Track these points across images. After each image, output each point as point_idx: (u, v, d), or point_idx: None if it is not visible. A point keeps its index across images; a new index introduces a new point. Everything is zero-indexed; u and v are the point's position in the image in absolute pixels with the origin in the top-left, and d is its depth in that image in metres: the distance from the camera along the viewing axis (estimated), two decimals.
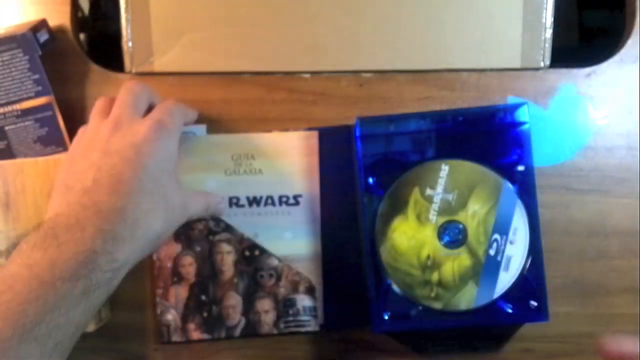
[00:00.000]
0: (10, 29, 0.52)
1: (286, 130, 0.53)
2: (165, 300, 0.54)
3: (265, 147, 0.52)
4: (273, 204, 0.52)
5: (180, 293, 0.54)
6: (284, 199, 0.52)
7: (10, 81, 0.52)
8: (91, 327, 0.51)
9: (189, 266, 0.54)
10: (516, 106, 0.51)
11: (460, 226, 0.51)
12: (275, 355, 0.55)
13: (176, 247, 0.54)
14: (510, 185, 0.51)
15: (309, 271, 0.53)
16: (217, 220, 0.54)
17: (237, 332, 0.54)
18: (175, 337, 0.54)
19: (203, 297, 0.54)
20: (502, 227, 0.51)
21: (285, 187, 0.52)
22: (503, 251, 0.50)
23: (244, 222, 0.52)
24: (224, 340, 0.54)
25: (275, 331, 0.54)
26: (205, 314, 0.54)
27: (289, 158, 0.52)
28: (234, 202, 0.52)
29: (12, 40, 0.51)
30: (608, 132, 0.56)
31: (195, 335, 0.54)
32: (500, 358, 0.55)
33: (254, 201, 0.52)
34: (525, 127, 0.51)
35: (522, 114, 0.51)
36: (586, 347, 0.55)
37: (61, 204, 0.41)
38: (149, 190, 0.42)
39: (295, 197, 0.52)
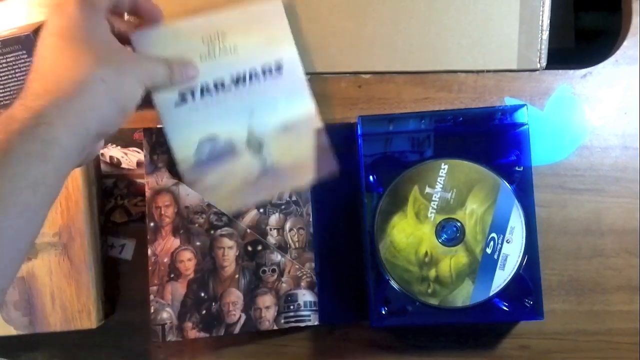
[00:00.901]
0: (15, 30, 0.53)
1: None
2: (161, 298, 0.52)
3: (233, 24, 0.51)
4: (257, 77, 0.52)
5: (177, 290, 0.53)
6: (267, 70, 0.52)
7: (15, 82, 0.52)
8: (94, 324, 0.51)
9: (188, 262, 0.53)
10: (516, 107, 0.52)
11: (458, 224, 0.52)
12: (276, 352, 0.56)
13: (174, 242, 0.53)
14: (508, 186, 0.52)
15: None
16: (219, 214, 0.54)
17: (237, 329, 0.53)
18: (171, 337, 0.52)
19: (202, 294, 0.53)
20: (499, 226, 0.51)
21: (265, 57, 0.52)
22: (500, 250, 0.51)
23: (236, 105, 0.52)
24: (225, 337, 0.55)
25: (275, 327, 0.53)
26: (203, 312, 0.53)
27: (259, 29, 0.52)
28: (219, 86, 0.51)
29: (16, 42, 0.51)
30: (603, 132, 0.56)
31: (192, 334, 0.52)
32: (496, 354, 0.56)
33: (239, 80, 0.51)
34: (524, 128, 0.52)
35: (522, 116, 0.52)
36: (582, 344, 0.56)
37: None
38: (70, 35, 0.40)
39: (277, 65, 0.52)
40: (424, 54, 0.55)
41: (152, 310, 0.52)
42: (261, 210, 0.54)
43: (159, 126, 0.56)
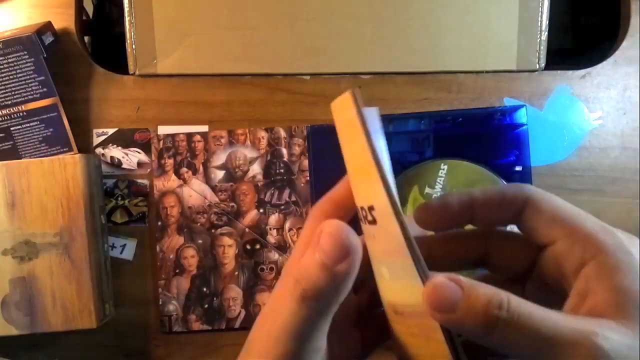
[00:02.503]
0: (16, 31, 0.53)
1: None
2: (167, 292, 0.55)
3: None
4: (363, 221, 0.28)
5: (181, 284, 0.55)
6: (363, 214, 0.28)
7: (16, 82, 0.53)
8: (95, 324, 0.52)
9: (191, 258, 0.55)
10: (515, 108, 0.52)
11: None
12: None
13: (179, 240, 0.55)
14: None
15: None
16: (219, 214, 0.55)
17: (237, 323, 0.55)
18: (177, 328, 0.55)
19: (204, 289, 0.55)
20: None
21: (360, 195, 0.28)
22: None
23: None
24: (226, 334, 0.55)
25: None
26: (206, 306, 0.55)
27: (348, 145, 0.28)
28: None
29: (18, 43, 0.51)
30: (602, 132, 0.57)
31: (196, 326, 0.55)
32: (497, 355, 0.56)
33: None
34: (523, 128, 0.52)
35: (521, 116, 0.52)
36: None
37: None
38: None
39: (370, 209, 0.27)
40: (424, 55, 0.56)
41: (160, 303, 0.55)
42: (261, 210, 0.55)
43: (161, 132, 0.57)
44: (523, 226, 0.27)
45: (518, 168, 0.52)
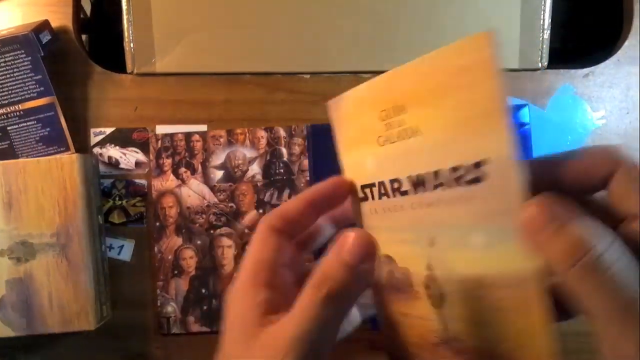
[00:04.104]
0: (13, 29, 0.53)
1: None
2: (166, 293, 0.55)
3: (419, 87, 0.28)
4: (446, 183, 0.27)
5: (180, 286, 0.55)
6: (459, 174, 0.26)
7: (13, 81, 0.52)
8: (92, 326, 0.51)
9: (190, 259, 0.55)
10: (517, 107, 0.51)
11: None
12: None
13: (177, 240, 0.55)
14: None
15: None
16: (218, 214, 0.55)
17: None
18: (175, 329, 0.55)
19: (203, 291, 0.55)
20: None
21: (459, 150, 0.26)
22: None
23: (413, 222, 0.29)
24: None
25: None
26: (205, 307, 0.55)
27: (456, 95, 0.27)
28: (395, 187, 0.30)
29: (15, 41, 0.51)
30: (605, 131, 0.56)
31: (195, 327, 0.55)
32: None
33: (418, 184, 0.28)
34: (526, 128, 0.51)
35: (523, 115, 0.51)
36: (585, 345, 0.55)
37: None
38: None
39: (477, 166, 0.25)
40: (424, 54, 0.55)
41: (158, 304, 0.55)
42: (261, 210, 0.55)
43: (159, 131, 0.56)
44: (610, 192, 0.24)
45: None
